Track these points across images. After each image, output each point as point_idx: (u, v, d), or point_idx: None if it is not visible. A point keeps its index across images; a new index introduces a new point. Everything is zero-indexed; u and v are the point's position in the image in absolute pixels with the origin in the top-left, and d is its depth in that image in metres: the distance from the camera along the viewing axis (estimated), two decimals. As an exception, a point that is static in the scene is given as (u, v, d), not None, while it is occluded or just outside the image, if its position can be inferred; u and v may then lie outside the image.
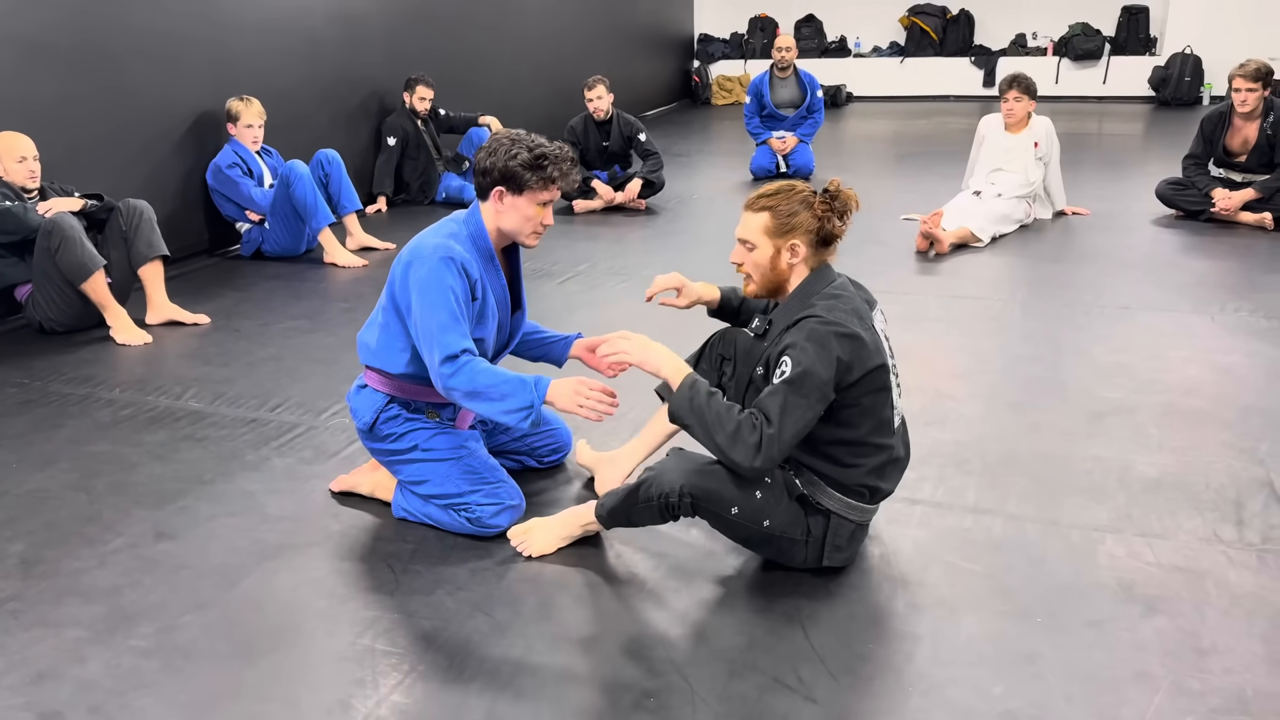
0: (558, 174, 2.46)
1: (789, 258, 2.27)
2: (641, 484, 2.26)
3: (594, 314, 4.40)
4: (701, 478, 2.19)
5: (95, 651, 2.13)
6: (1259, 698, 1.91)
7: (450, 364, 2.35)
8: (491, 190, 2.47)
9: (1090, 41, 11.83)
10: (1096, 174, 7.32)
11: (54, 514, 2.74)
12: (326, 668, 2.07)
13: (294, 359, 3.94)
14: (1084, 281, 4.67)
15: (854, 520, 2.29)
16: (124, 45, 5.00)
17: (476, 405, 2.35)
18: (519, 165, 2.43)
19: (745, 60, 13.10)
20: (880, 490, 2.30)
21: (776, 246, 2.27)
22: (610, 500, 2.35)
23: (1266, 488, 2.72)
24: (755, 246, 2.29)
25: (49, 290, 4.17)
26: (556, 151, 2.47)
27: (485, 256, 2.53)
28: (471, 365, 2.35)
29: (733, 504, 2.20)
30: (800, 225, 2.25)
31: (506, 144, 2.45)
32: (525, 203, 2.47)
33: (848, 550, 2.32)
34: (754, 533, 2.25)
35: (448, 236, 2.49)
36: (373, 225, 6.13)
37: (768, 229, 2.27)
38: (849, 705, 1.92)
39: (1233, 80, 5.51)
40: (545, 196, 2.48)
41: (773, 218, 2.26)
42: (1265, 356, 3.68)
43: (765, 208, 2.27)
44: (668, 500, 2.21)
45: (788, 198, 2.26)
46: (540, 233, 2.54)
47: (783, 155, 7.43)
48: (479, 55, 8.20)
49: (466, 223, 2.54)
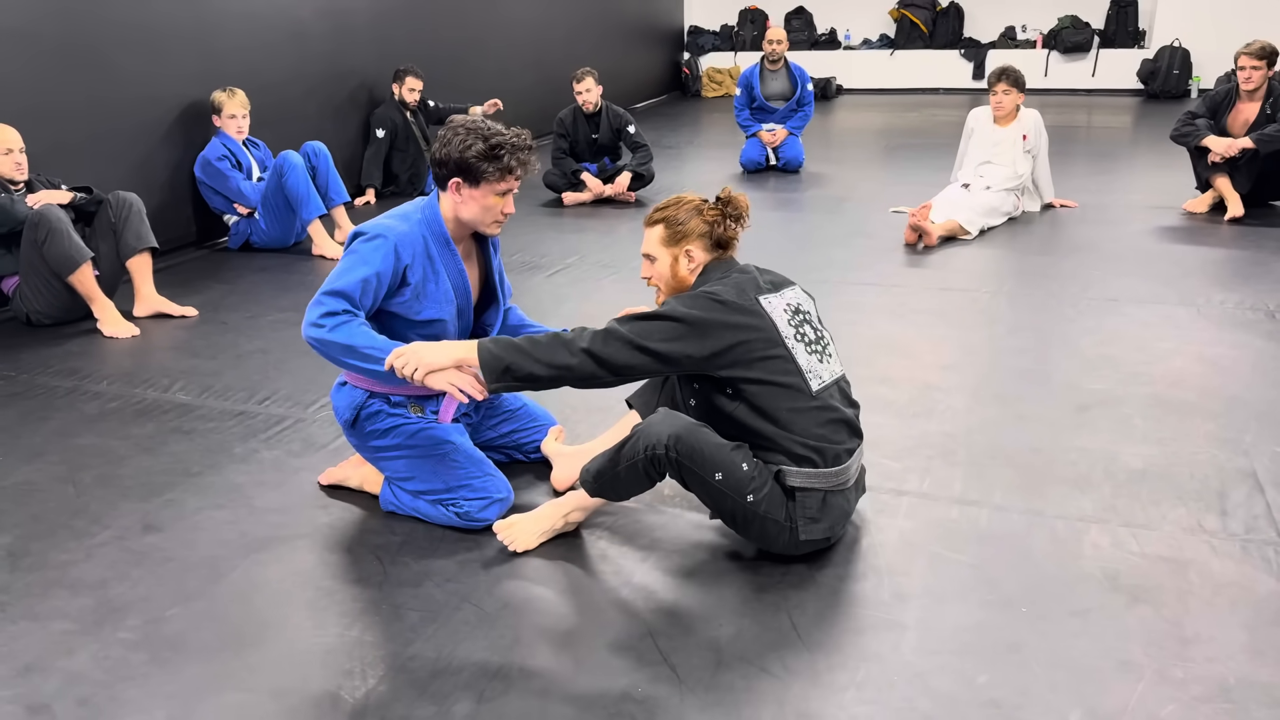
0: (515, 163, 2.43)
1: (687, 264, 2.42)
2: (628, 440, 2.29)
3: (582, 306, 4.40)
4: (689, 434, 2.23)
5: (83, 644, 2.13)
6: (1241, 686, 1.93)
7: (331, 318, 2.35)
8: (449, 181, 2.46)
9: (1079, 34, 11.86)
10: (1085, 167, 7.34)
11: (41, 506, 2.74)
12: (314, 659, 2.07)
13: (282, 351, 3.93)
14: (1071, 273, 4.69)
15: (819, 487, 2.29)
16: (110, 37, 4.97)
17: (344, 360, 2.36)
18: (474, 156, 2.40)
19: (735, 52, 13.09)
20: (828, 450, 2.29)
21: (674, 255, 2.42)
22: (595, 463, 2.37)
23: (1250, 478, 2.74)
24: (656, 258, 2.45)
25: (36, 282, 4.16)
26: (513, 140, 2.43)
27: (440, 242, 2.52)
28: (354, 323, 2.36)
29: (717, 469, 2.22)
30: (693, 231, 2.40)
31: (461, 134, 2.41)
32: (482, 194, 2.45)
33: (824, 520, 2.31)
34: (737, 506, 2.26)
35: (397, 218, 2.49)
36: (361, 217, 6.11)
37: (663, 239, 2.43)
38: (835, 694, 1.93)
39: (1238, 59, 5.58)
40: (503, 187, 2.46)
41: (665, 228, 2.42)
42: (1251, 348, 3.71)
43: (658, 220, 2.44)
44: (653, 453, 2.23)
45: (678, 208, 2.43)
46: (502, 221, 2.54)
47: (772, 148, 7.43)
48: (468, 47, 8.18)
49: (423, 208, 2.53)
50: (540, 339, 2.24)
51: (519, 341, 2.24)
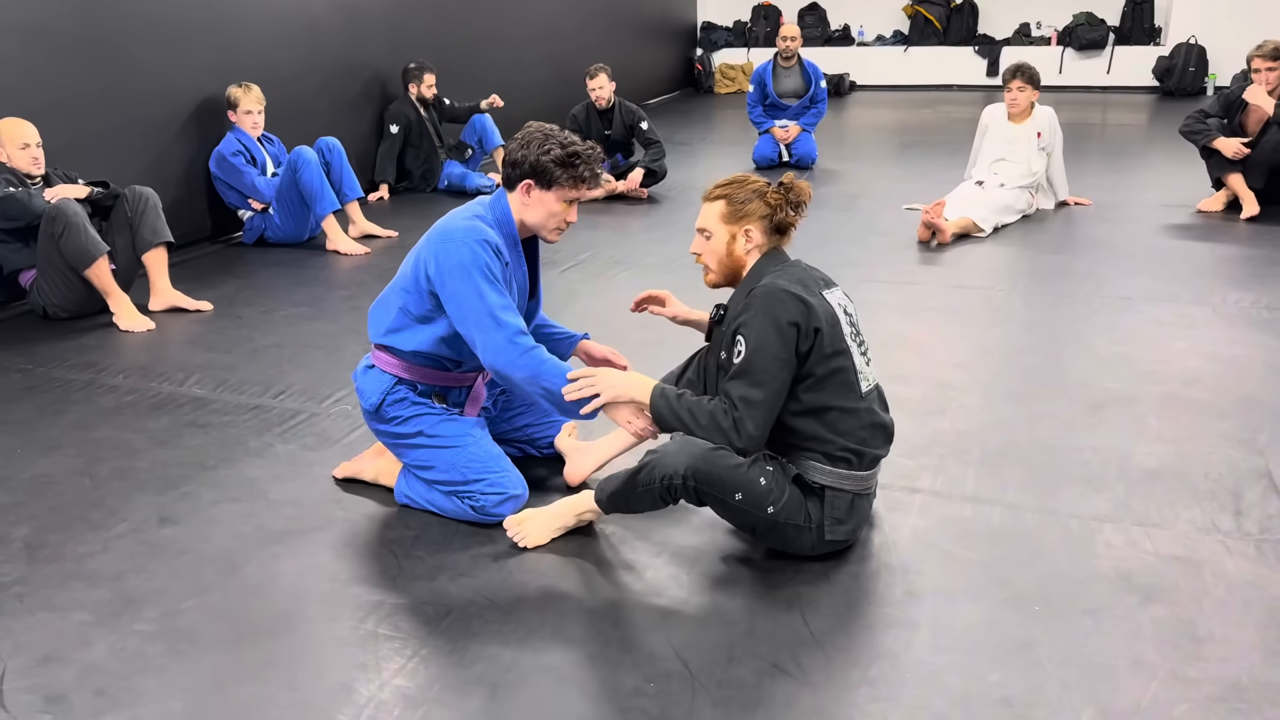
0: (589, 173, 2.49)
1: (744, 243, 2.37)
2: (643, 468, 2.28)
3: (595, 303, 4.41)
4: (705, 462, 2.21)
5: (100, 635, 2.15)
6: (1254, 687, 1.93)
7: (524, 338, 2.38)
8: (520, 182, 2.49)
9: (1094, 31, 11.79)
10: (1099, 165, 7.31)
11: (58, 499, 2.76)
12: (329, 652, 2.09)
13: (296, 346, 3.95)
14: (1085, 272, 4.68)
15: (849, 490, 2.30)
16: (127, 32, 5.00)
17: (529, 388, 2.38)
18: (551, 161, 2.44)
19: (748, 49, 13.06)
20: (866, 454, 2.30)
21: (732, 233, 2.37)
22: (610, 485, 2.37)
23: (1265, 478, 2.73)
24: (712, 234, 2.40)
25: (53, 276, 4.18)
26: (589, 151, 2.49)
27: (510, 242, 2.54)
28: (539, 352, 2.38)
29: (736, 490, 2.22)
30: (754, 212, 2.36)
31: (540, 138, 2.46)
32: (553, 199, 2.49)
33: (849, 522, 2.32)
34: (758, 519, 2.26)
35: (476, 219, 2.50)
36: (375, 213, 6.12)
37: (723, 215, 2.38)
38: (847, 691, 1.94)
39: (1251, 61, 5.53)
40: (573, 194, 2.50)
41: (727, 204, 2.37)
42: (1266, 348, 3.69)
43: (720, 196, 2.39)
44: (670, 483, 2.23)
45: (741, 186, 2.38)
46: (563, 229, 2.57)
47: (785, 144, 7.42)
48: (481, 42, 8.18)
49: (492, 208, 2.55)
50: (702, 406, 2.25)
51: (687, 403, 2.26)
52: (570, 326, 2.89)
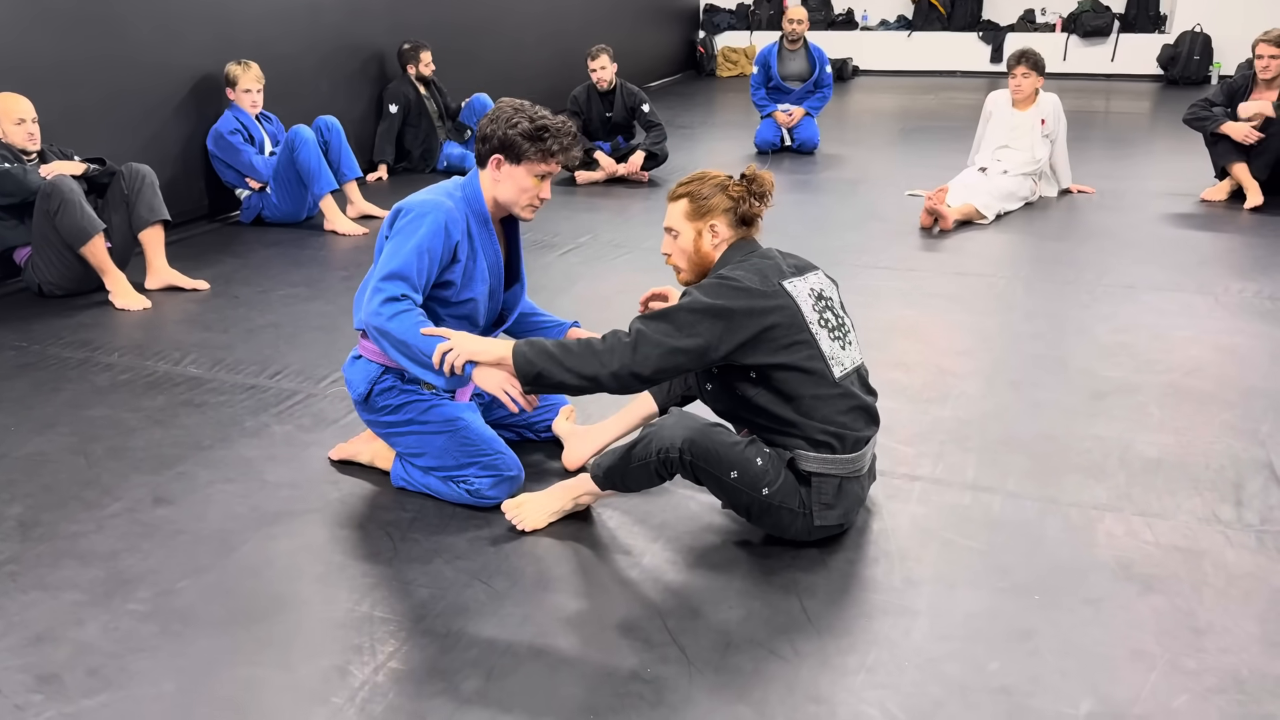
0: (557, 147, 2.45)
1: (711, 239, 2.37)
2: (639, 441, 2.27)
3: (594, 286, 4.38)
4: (702, 436, 2.21)
5: (93, 614, 2.14)
6: (1254, 678, 1.92)
7: (392, 305, 2.34)
8: (490, 157, 2.47)
9: (1099, 18, 11.73)
10: (1103, 152, 7.27)
11: (52, 477, 2.74)
12: (324, 634, 2.07)
13: (293, 326, 3.92)
14: (1088, 260, 4.65)
15: (835, 474, 2.28)
16: (124, 8, 4.95)
17: (397, 356, 2.34)
18: (519, 134, 2.43)
19: (751, 32, 12.98)
20: (848, 437, 2.27)
21: (697, 229, 2.37)
22: (606, 459, 2.36)
23: (1266, 469, 2.71)
24: (679, 232, 2.40)
25: (48, 253, 4.15)
26: (559, 125, 2.46)
27: (480, 220, 2.53)
28: (412, 314, 2.34)
29: (732, 467, 2.21)
30: (718, 206, 2.36)
31: (509, 112, 2.45)
32: (522, 173, 2.46)
33: (839, 506, 2.29)
34: (753, 500, 2.25)
35: (441, 194, 2.49)
36: (373, 193, 6.09)
37: (687, 212, 2.38)
38: (844, 678, 1.93)
39: (1256, 47, 5.52)
40: (543, 169, 2.47)
41: (690, 202, 2.37)
42: (1269, 338, 3.67)
43: (683, 194, 2.39)
44: (666, 456, 2.22)
45: (702, 183, 2.38)
46: (536, 206, 2.54)
47: (788, 129, 7.38)
48: (482, 23, 8.12)
49: (463, 185, 2.55)
50: (574, 346, 2.21)
51: (552, 348, 2.21)
52: (570, 310, 2.88)
